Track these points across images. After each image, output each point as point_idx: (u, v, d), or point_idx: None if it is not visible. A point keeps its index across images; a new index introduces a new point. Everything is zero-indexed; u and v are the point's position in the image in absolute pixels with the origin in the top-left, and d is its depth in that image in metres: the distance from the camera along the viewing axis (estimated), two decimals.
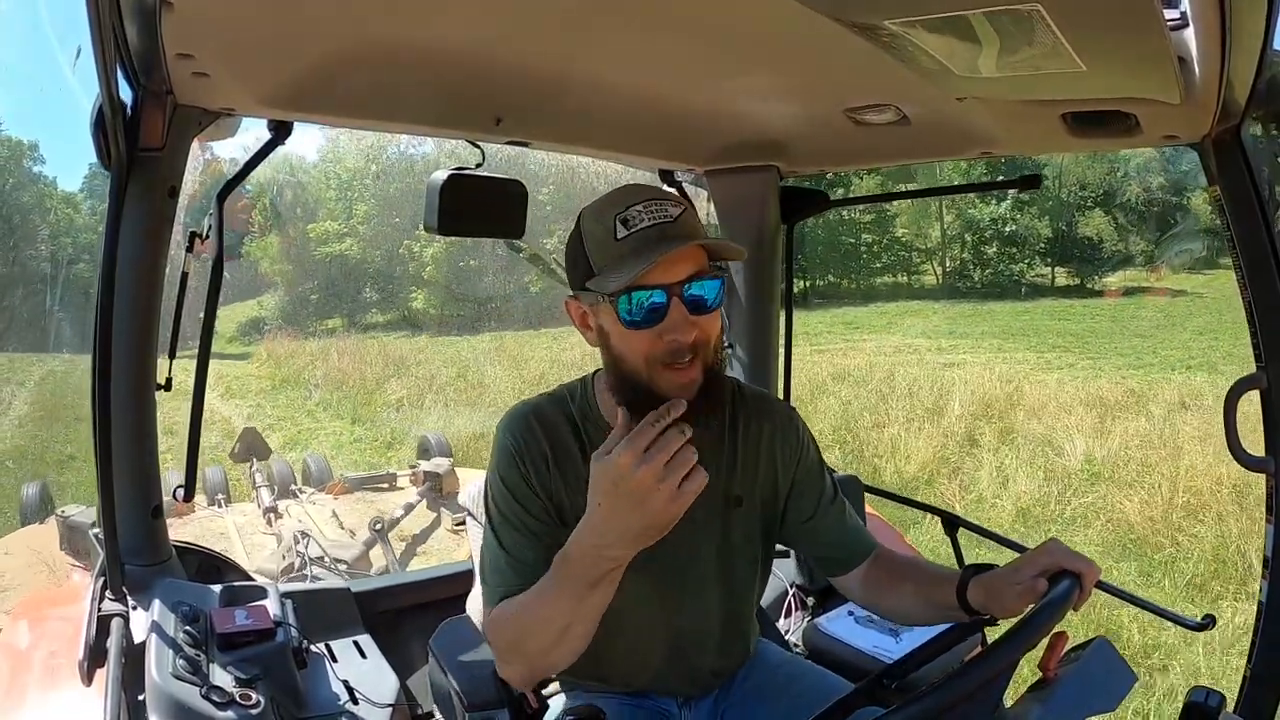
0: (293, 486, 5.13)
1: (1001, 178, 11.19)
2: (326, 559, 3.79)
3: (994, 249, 21.16)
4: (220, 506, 4.86)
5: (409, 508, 4.61)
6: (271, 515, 4.54)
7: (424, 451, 5.59)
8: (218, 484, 5.06)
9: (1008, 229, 20.56)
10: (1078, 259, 20.53)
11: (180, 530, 4.52)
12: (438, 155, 17.61)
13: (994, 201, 20.49)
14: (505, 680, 1.05)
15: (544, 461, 1.08)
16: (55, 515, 4.00)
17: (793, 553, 1.94)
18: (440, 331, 17.42)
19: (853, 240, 22.39)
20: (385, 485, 5.21)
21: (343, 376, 12.48)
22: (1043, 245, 20.74)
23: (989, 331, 15.12)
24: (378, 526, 4.20)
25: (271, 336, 17.32)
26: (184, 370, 1.38)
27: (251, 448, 5.41)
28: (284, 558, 3.87)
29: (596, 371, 1.12)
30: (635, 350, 0.99)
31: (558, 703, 1.24)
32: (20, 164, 18.33)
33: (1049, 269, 21.03)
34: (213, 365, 1.51)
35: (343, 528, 4.55)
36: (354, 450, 9.22)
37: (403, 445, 8.87)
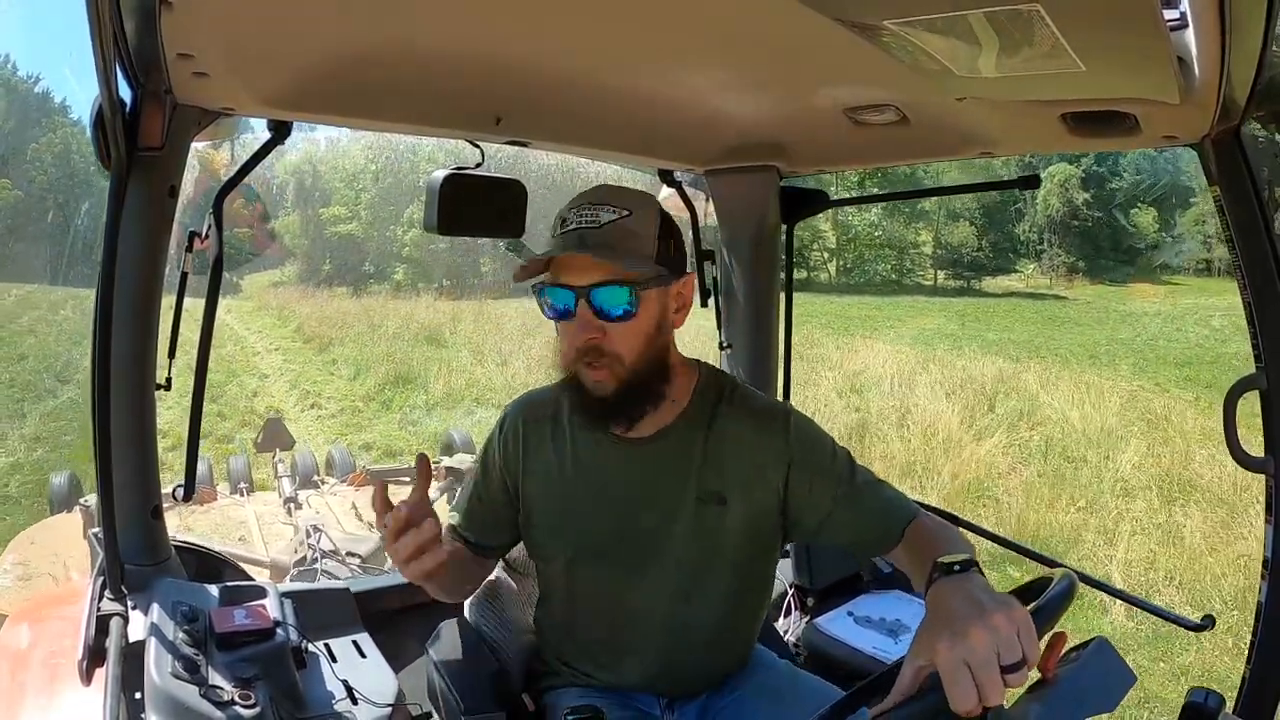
0: (315, 477, 5.15)
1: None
2: (340, 553, 3.79)
3: (871, 252, 23.42)
4: (242, 495, 4.89)
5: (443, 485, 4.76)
6: (291, 505, 4.58)
7: (447, 448, 5.59)
8: (240, 473, 5.09)
9: (877, 233, 22.78)
10: (955, 264, 22.54)
11: (202, 518, 4.57)
12: (432, 152, 20.95)
13: (869, 210, 22.59)
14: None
15: (517, 443, 1.21)
16: (79, 504, 4.07)
17: (792, 553, 1.93)
18: (411, 297, 20.50)
19: None
20: (408, 479, 5.23)
21: (331, 322, 16.03)
22: (918, 250, 23.06)
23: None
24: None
25: (290, 294, 21.34)
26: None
27: (275, 437, 5.42)
28: (296, 550, 3.88)
29: None
30: (563, 341, 1.09)
31: (555, 706, 1.24)
32: None
33: (933, 271, 23.10)
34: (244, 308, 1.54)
35: (361, 520, 4.57)
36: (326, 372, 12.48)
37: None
